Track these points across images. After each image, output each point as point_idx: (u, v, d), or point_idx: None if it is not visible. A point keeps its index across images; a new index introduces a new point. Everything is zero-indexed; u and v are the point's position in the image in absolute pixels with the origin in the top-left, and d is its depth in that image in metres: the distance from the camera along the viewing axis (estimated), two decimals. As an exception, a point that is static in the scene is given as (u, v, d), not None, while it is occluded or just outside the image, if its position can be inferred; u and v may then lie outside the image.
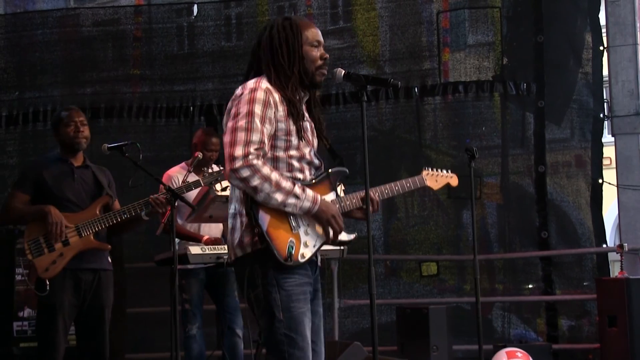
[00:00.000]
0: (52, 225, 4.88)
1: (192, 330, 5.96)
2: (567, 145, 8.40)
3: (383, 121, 8.67)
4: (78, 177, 5.11)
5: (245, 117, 3.32)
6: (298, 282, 3.37)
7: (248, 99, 3.36)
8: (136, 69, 8.80)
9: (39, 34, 8.77)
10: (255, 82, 3.42)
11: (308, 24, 3.57)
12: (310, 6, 8.74)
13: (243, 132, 3.30)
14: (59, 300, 4.92)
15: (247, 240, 3.36)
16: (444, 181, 4.65)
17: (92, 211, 5.04)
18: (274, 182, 3.28)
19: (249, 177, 3.26)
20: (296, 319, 3.33)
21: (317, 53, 3.51)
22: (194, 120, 8.45)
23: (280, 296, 3.32)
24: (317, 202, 3.37)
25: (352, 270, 8.11)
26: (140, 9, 8.91)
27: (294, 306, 3.33)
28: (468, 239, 8.09)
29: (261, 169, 3.27)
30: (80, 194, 5.08)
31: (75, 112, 5.18)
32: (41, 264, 4.89)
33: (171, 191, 5.10)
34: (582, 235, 8.22)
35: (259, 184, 3.27)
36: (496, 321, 8.20)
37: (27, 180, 5.07)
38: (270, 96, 3.37)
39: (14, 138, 8.72)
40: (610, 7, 8.27)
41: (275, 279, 3.33)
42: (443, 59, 8.45)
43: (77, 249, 4.96)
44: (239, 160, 3.26)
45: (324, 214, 3.39)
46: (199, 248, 5.76)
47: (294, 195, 3.32)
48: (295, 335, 3.32)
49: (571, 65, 8.30)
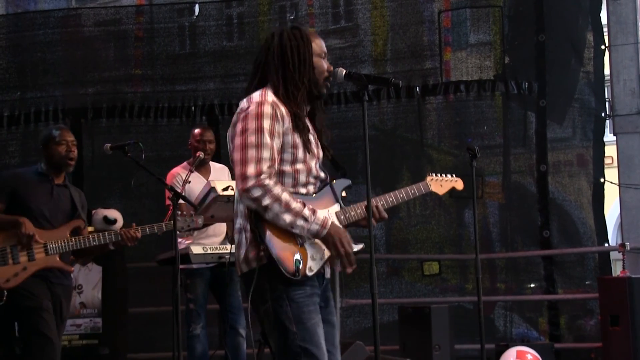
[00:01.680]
0: (23, 237, 4.87)
1: (196, 330, 5.96)
2: (569, 144, 8.40)
3: (385, 121, 8.67)
4: (56, 194, 5.10)
5: (255, 133, 3.27)
6: (307, 294, 3.34)
7: (256, 114, 3.30)
8: (138, 69, 8.81)
9: (41, 34, 8.77)
10: (261, 95, 3.36)
11: (315, 34, 3.55)
12: (312, 5, 8.75)
13: (254, 150, 3.25)
14: (45, 302, 4.94)
15: (252, 256, 3.33)
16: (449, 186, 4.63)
17: (63, 232, 5.04)
18: (284, 203, 3.25)
19: (260, 197, 3.23)
20: (310, 329, 3.31)
21: (324, 64, 3.49)
22: (195, 120, 8.45)
23: (291, 309, 3.30)
24: (326, 226, 3.33)
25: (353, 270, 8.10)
26: (142, 9, 8.92)
27: (306, 318, 3.31)
28: (470, 238, 8.10)
29: (273, 189, 3.24)
30: (56, 212, 5.07)
31: (67, 132, 5.18)
32: (3, 274, 4.87)
33: (173, 191, 5.11)
34: (584, 235, 8.22)
35: (269, 203, 3.23)
36: (498, 320, 8.20)
37: (3, 190, 5.03)
38: (277, 109, 3.32)
39: (15, 138, 8.73)
40: (612, 5, 8.26)
41: (285, 293, 3.30)
42: (444, 58, 8.45)
43: (41, 265, 4.95)
44: (251, 179, 3.23)
45: (331, 238, 3.34)
46: (201, 248, 5.76)
47: (303, 218, 3.28)
48: (311, 346, 3.29)
49: (573, 64, 8.29)
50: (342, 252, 3.37)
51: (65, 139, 5.10)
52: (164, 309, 6.93)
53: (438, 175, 4.55)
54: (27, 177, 5.11)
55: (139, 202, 8.06)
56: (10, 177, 5.17)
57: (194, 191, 5.83)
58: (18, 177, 5.14)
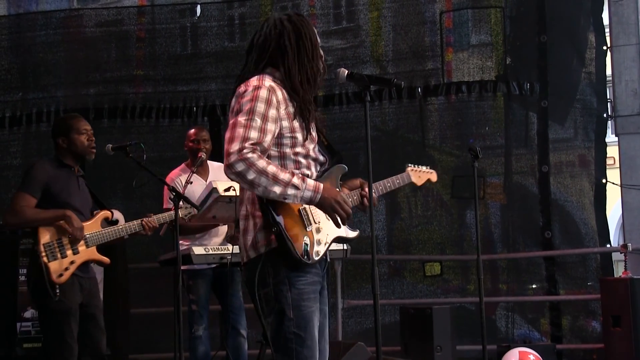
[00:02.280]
0: (77, 230, 4.89)
1: (199, 331, 5.96)
2: (571, 145, 8.39)
3: (386, 121, 8.66)
4: (81, 185, 5.12)
5: (246, 114, 3.28)
6: (310, 281, 3.37)
7: (251, 97, 3.31)
8: (139, 70, 8.81)
9: (42, 35, 8.78)
10: (259, 79, 3.37)
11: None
12: (314, 6, 8.75)
13: (242, 129, 3.25)
14: (73, 305, 4.96)
15: (262, 241, 3.34)
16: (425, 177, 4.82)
17: (95, 223, 5.07)
18: (271, 175, 3.23)
19: (244, 171, 3.21)
20: (305, 317, 3.34)
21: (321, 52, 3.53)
22: (197, 121, 8.45)
23: (292, 294, 3.32)
24: (319, 190, 3.31)
25: (355, 271, 8.11)
26: (144, 10, 8.92)
27: (304, 305, 3.33)
28: (471, 239, 8.09)
29: (256, 162, 3.22)
30: (84, 203, 5.09)
31: (85, 121, 5.16)
32: (55, 269, 4.88)
33: (175, 192, 5.11)
34: (585, 235, 8.21)
35: (255, 177, 3.22)
36: (500, 321, 8.20)
37: (36, 182, 4.96)
38: (274, 94, 3.34)
39: (17, 139, 8.73)
40: (614, 6, 8.26)
41: (288, 278, 3.32)
42: (446, 59, 8.45)
43: (85, 258, 4.99)
44: (234, 155, 3.22)
45: (326, 201, 3.32)
46: (202, 248, 5.76)
47: (293, 186, 3.26)
48: (304, 333, 3.32)
49: (574, 65, 8.29)
50: (342, 214, 3.36)
51: (86, 128, 5.09)
52: (165, 309, 6.93)
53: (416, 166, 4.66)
54: (52, 169, 5.04)
55: (140, 202, 8.05)
56: (40, 169, 5.03)
57: (194, 192, 5.83)
58: (47, 168, 5.03)
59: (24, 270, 6.78)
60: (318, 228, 3.41)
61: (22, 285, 6.79)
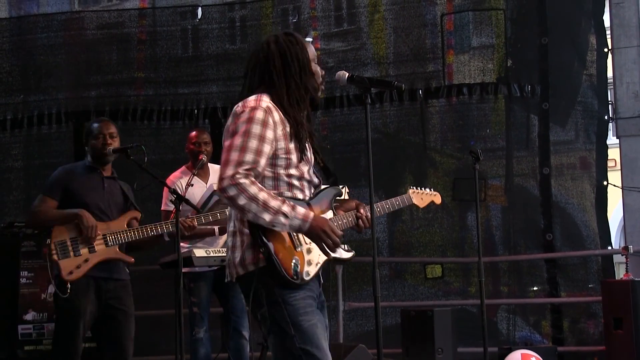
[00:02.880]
0: (87, 229, 4.90)
1: (200, 334, 5.96)
2: (572, 147, 8.39)
3: (387, 124, 8.67)
4: (107, 187, 5.14)
5: (242, 136, 3.27)
6: (303, 296, 3.32)
7: (247, 118, 3.30)
8: (140, 72, 8.82)
9: (44, 37, 8.78)
10: (256, 100, 3.35)
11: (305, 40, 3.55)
12: (315, 9, 8.75)
13: (237, 152, 3.24)
14: (82, 307, 4.96)
15: (250, 259, 3.31)
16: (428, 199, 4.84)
17: (120, 222, 5.08)
18: (262, 202, 3.20)
19: (235, 197, 3.20)
20: (308, 331, 3.28)
21: (319, 69, 3.51)
22: (198, 123, 8.46)
23: (288, 312, 3.28)
24: (308, 219, 3.27)
25: (356, 273, 8.11)
26: (145, 12, 8.93)
27: (303, 319, 3.28)
28: (473, 241, 8.09)
29: (248, 188, 3.20)
30: (109, 204, 5.11)
31: (106, 124, 5.20)
32: (66, 266, 4.91)
33: (176, 194, 5.11)
34: (587, 237, 8.20)
35: (245, 203, 3.20)
36: (501, 323, 8.19)
37: (57, 187, 5.08)
38: (270, 115, 3.31)
39: (19, 141, 8.74)
40: (615, 8, 8.27)
41: (280, 296, 3.28)
42: (447, 61, 8.45)
43: (102, 257, 4.99)
44: (227, 179, 3.21)
45: (314, 230, 3.28)
46: (204, 251, 5.76)
47: (283, 214, 3.23)
48: (311, 347, 3.27)
49: (575, 67, 8.29)
50: (329, 244, 3.32)
51: (102, 132, 5.12)
52: (166, 312, 6.93)
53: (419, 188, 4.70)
54: (77, 172, 5.15)
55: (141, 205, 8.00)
56: (62, 173, 5.16)
57: (195, 195, 5.84)
58: (69, 172, 5.16)
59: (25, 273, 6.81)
60: (309, 249, 3.37)
61: (23, 288, 6.80)
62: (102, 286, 5.03)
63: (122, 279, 5.16)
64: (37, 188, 8.44)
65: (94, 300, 5.00)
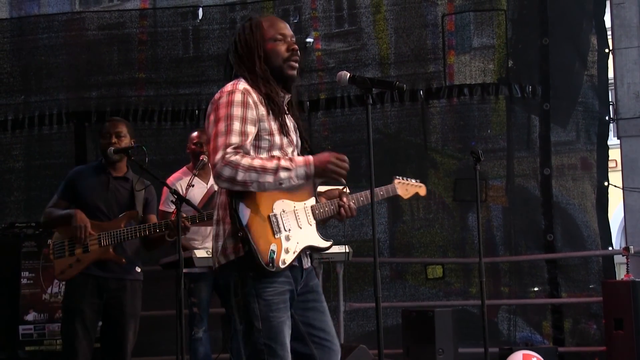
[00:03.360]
0: (76, 229, 4.93)
1: (199, 334, 5.96)
2: (573, 147, 8.39)
3: (388, 124, 8.66)
4: (113, 187, 5.16)
5: (224, 120, 3.30)
6: (278, 291, 3.33)
7: (225, 102, 3.34)
8: (141, 73, 8.81)
9: (45, 38, 8.78)
10: (233, 84, 3.40)
11: (271, 19, 3.56)
12: (316, 9, 8.75)
13: (223, 137, 3.27)
14: (79, 305, 5.00)
15: (230, 248, 3.32)
16: (413, 190, 4.72)
17: (117, 223, 5.08)
18: (259, 167, 3.24)
19: (232, 174, 3.22)
20: (275, 328, 3.31)
21: (282, 46, 3.48)
22: (199, 124, 8.44)
23: (259, 306, 3.30)
24: (310, 162, 3.32)
25: (357, 273, 8.10)
26: (146, 13, 8.92)
27: (273, 316, 3.31)
28: (473, 242, 8.09)
29: (241, 161, 3.22)
30: (112, 205, 5.13)
31: (113, 124, 5.24)
32: (59, 265, 4.99)
33: (177, 194, 5.11)
34: (587, 238, 8.20)
35: (244, 175, 3.22)
36: (502, 324, 8.19)
37: (66, 187, 5.17)
38: (249, 96, 3.35)
39: (19, 142, 8.73)
40: (616, 9, 8.26)
41: (254, 289, 3.31)
42: (448, 61, 8.45)
43: (94, 257, 5.01)
44: (219, 162, 3.23)
45: (321, 167, 3.33)
46: (204, 251, 5.76)
47: (284, 169, 3.27)
48: (275, 344, 3.30)
49: (576, 68, 8.29)
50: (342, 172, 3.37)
51: (109, 131, 5.17)
52: (166, 312, 6.93)
53: (404, 178, 4.61)
54: (86, 171, 5.24)
55: (142, 205, 8.07)
56: (73, 173, 5.26)
57: (195, 195, 5.84)
58: (79, 172, 5.26)
59: (26, 273, 6.82)
60: (287, 236, 3.37)
61: (24, 288, 6.81)
62: (102, 286, 5.04)
63: (124, 279, 5.15)
64: (38, 189, 8.47)
65: (94, 299, 5.02)
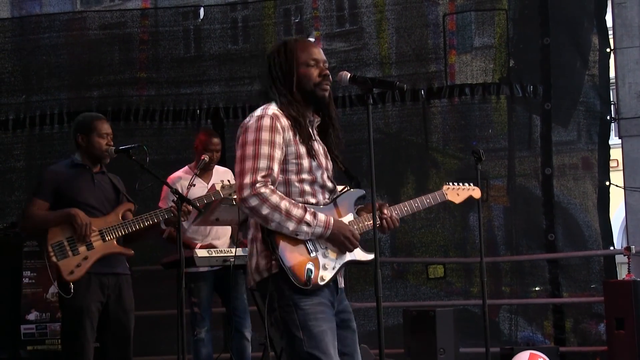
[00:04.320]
0: (81, 227, 4.92)
1: (201, 334, 5.97)
2: (574, 147, 8.38)
3: (389, 124, 8.66)
4: (98, 182, 5.15)
5: (253, 144, 3.34)
6: (316, 302, 3.37)
7: (255, 127, 3.38)
8: (143, 72, 8.81)
9: (46, 37, 8.78)
10: (263, 109, 3.45)
11: (305, 44, 3.59)
12: (317, 9, 8.74)
13: (251, 160, 3.32)
14: (85, 303, 4.97)
15: (263, 265, 3.37)
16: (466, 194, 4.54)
17: (115, 216, 5.09)
18: (284, 211, 3.29)
19: (257, 207, 3.28)
20: (317, 336, 3.32)
21: (314, 71, 3.51)
22: (200, 123, 8.46)
23: (298, 316, 3.33)
24: (329, 227, 3.39)
25: (358, 273, 8.10)
26: (147, 12, 8.92)
27: (312, 325, 3.33)
28: (475, 242, 8.08)
29: (269, 197, 3.28)
30: (102, 200, 5.12)
31: (107, 124, 5.23)
32: (66, 267, 4.93)
33: (178, 194, 5.12)
34: (589, 238, 8.19)
35: (268, 213, 3.28)
36: (503, 324, 8.19)
37: (46, 187, 5.07)
38: (277, 121, 3.39)
39: (21, 141, 8.73)
40: (617, 8, 8.25)
41: (292, 300, 3.34)
42: (449, 61, 8.44)
43: (101, 252, 5.00)
44: (247, 189, 3.28)
45: (336, 237, 3.41)
46: (206, 251, 5.76)
47: (306, 223, 3.33)
48: (318, 352, 3.31)
49: (578, 68, 8.28)
50: (350, 248, 3.46)
51: (107, 132, 5.16)
52: (168, 312, 6.93)
53: (454, 184, 4.49)
54: (65, 171, 5.14)
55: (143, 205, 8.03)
56: (50, 174, 5.17)
57: (197, 195, 5.83)
58: (57, 172, 5.15)
59: (28, 273, 6.82)
60: (325, 253, 3.42)
61: (26, 288, 6.81)
62: (104, 282, 5.04)
63: (122, 274, 5.17)
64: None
65: (98, 295, 5.02)
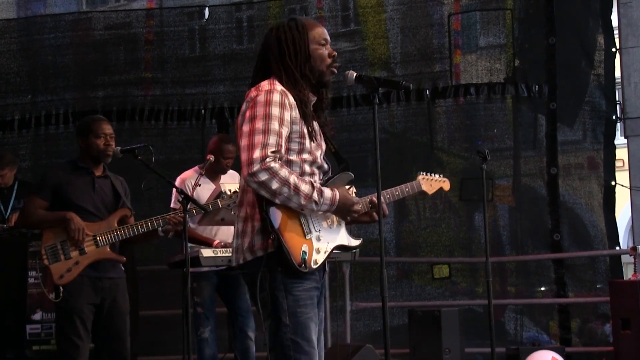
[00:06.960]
0: (75, 232, 4.91)
1: (205, 334, 5.96)
2: (580, 147, 8.37)
3: (394, 123, 8.66)
4: (98, 187, 5.14)
5: (263, 119, 3.29)
6: (306, 287, 3.37)
7: (264, 101, 3.32)
8: (148, 72, 8.83)
9: (52, 38, 8.80)
10: (270, 83, 3.38)
11: (314, 23, 3.56)
12: (322, 9, 8.75)
13: (260, 135, 3.26)
14: (77, 305, 4.97)
15: (259, 244, 3.34)
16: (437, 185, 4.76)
17: (110, 222, 5.08)
18: (293, 186, 3.26)
19: (267, 181, 3.23)
20: (303, 324, 3.34)
21: (325, 51, 3.49)
22: (205, 123, 8.47)
23: (288, 301, 3.33)
24: (335, 202, 3.38)
25: (364, 273, 8.11)
26: (152, 13, 8.94)
27: (300, 311, 3.33)
28: (480, 241, 8.08)
29: (279, 171, 3.24)
30: (99, 205, 5.11)
31: (106, 124, 5.21)
32: (56, 270, 4.93)
33: (183, 194, 5.12)
34: (594, 238, 8.19)
35: (277, 187, 3.24)
36: (509, 324, 8.18)
37: (46, 186, 5.07)
38: (286, 98, 3.34)
39: (26, 141, 8.75)
40: (623, 8, 8.23)
41: (284, 284, 3.33)
42: (454, 61, 8.44)
43: (93, 258, 4.99)
44: (257, 163, 3.23)
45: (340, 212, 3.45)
46: (211, 251, 5.76)
47: (314, 202, 3.32)
48: (301, 340, 3.33)
49: (583, 67, 8.27)
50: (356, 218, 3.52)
51: (105, 132, 5.14)
52: (173, 312, 6.94)
53: (428, 174, 4.65)
54: (67, 171, 5.13)
55: (148, 205, 8.06)
56: (51, 173, 5.17)
57: (202, 195, 5.84)
58: (58, 172, 5.14)
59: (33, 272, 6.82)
60: (318, 236, 3.42)
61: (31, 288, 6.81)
62: (97, 285, 5.04)
63: (115, 277, 5.16)
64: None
65: (92, 297, 5.02)
